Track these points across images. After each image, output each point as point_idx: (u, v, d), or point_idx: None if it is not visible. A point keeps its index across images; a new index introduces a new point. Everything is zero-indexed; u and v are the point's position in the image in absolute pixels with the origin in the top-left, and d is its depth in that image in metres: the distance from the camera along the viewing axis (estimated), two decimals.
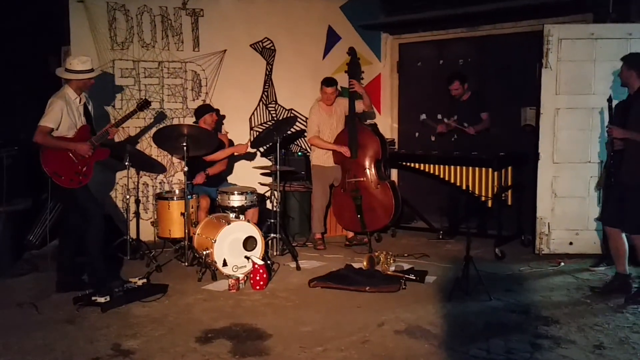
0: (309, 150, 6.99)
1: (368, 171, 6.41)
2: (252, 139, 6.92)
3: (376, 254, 5.55)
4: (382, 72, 7.90)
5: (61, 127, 4.84)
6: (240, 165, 6.95)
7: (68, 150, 4.89)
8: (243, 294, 4.94)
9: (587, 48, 5.77)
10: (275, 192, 6.11)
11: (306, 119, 6.83)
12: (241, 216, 5.51)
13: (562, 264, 5.70)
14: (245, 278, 5.16)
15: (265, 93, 7.23)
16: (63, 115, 4.83)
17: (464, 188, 6.23)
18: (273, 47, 7.21)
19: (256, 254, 5.30)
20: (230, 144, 6.52)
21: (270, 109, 7.26)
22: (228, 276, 5.12)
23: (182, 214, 5.68)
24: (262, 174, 6.83)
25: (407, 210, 7.00)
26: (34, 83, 6.75)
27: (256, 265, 5.06)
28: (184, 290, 5.01)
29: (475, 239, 5.64)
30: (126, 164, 5.80)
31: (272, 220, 6.06)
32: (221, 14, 6.90)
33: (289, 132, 6.92)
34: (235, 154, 6.39)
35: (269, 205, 6.61)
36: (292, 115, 7.20)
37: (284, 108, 7.30)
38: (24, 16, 6.95)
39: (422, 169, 6.51)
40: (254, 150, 6.81)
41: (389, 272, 5.29)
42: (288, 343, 3.90)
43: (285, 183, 6.69)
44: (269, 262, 5.47)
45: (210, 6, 6.82)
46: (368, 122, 7.04)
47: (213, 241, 5.19)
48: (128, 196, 5.98)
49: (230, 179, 6.70)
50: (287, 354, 3.76)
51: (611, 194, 4.94)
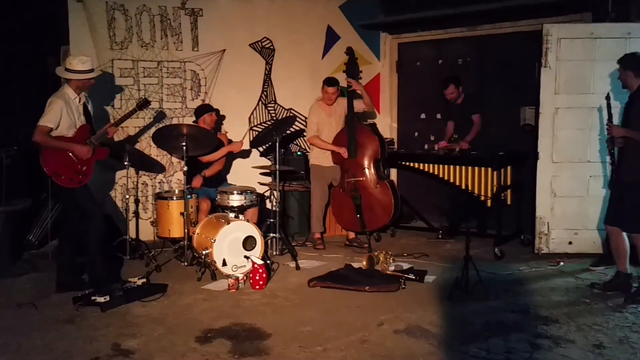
0: (308, 149, 6.99)
1: (367, 171, 6.41)
2: (251, 138, 6.91)
3: (375, 253, 5.55)
4: (382, 72, 7.90)
5: (61, 127, 4.83)
6: (239, 164, 6.95)
7: (68, 150, 4.89)
8: (242, 293, 4.95)
9: (587, 47, 5.77)
10: (274, 192, 6.12)
11: (305, 118, 6.83)
12: (240, 216, 5.50)
13: (562, 263, 5.70)
14: (245, 278, 5.16)
15: (265, 93, 7.23)
16: (62, 114, 4.82)
17: (464, 188, 6.22)
18: (272, 47, 7.21)
19: (256, 254, 5.30)
20: (229, 143, 6.53)
21: (269, 108, 7.26)
22: (227, 276, 5.12)
23: (182, 214, 5.68)
24: (262, 174, 6.83)
25: (407, 209, 7.01)
26: (33, 83, 6.75)
27: (256, 265, 5.07)
28: (184, 290, 5.01)
29: (474, 238, 5.65)
30: (125, 163, 5.81)
31: (272, 220, 6.06)
32: (220, 13, 6.90)
33: (288, 132, 6.92)
34: (232, 152, 6.38)
35: (268, 204, 6.62)
36: (291, 114, 7.21)
37: (283, 108, 7.30)
38: (23, 16, 6.95)
39: (422, 168, 6.51)
40: (249, 148, 6.78)
41: (388, 272, 5.29)
42: (287, 343, 3.90)
43: (285, 183, 6.69)
44: (268, 262, 5.47)
45: (209, 6, 6.82)
46: (367, 122, 7.03)
47: (212, 241, 5.20)
48: (127, 196, 5.98)
49: (230, 178, 6.70)
50: (287, 353, 3.76)
51: (612, 193, 4.95)
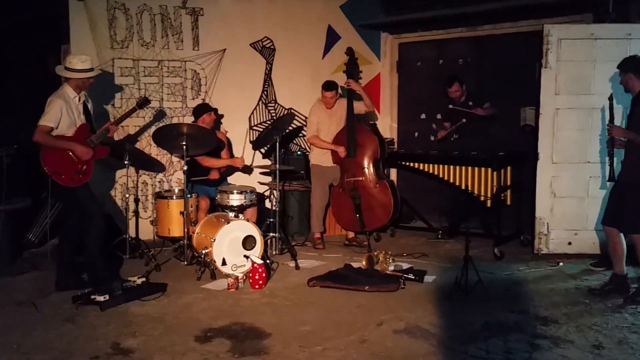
0: (308, 149, 6.99)
1: (367, 171, 6.41)
2: (252, 138, 6.91)
3: (375, 253, 5.54)
4: (382, 72, 7.90)
5: (61, 126, 4.83)
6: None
7: (68, 149, 4.89)
8: (242, 293, 4.95)
9: (587, 48, 5.77)
10: (274, 192, 6.12)
11: (305, 118, 6.83)
12: (240, 215, 5.51)
13: (561, 264, 5.70)
14: (245, 277, 5.16)
15: (265, 92, 7.23)
16: (62, 114, 4.82)
17: (463, 188, 6.23)
18: (273, 47, 7.21)
19: (255, 253, 5.30)
20: (229, 142, 6.53)
21: (269, 108, 7.26)
22: (227, 275, 5.12)
23: (182, 213, 5.68)
24: (262, 173, 6.83)
25: (407, 209, 7.00)
26: (33, 82, 6.76)
27: (255, 265, 5.07)
28: (183, 289, 5.01)
29: (474, 238, 5.64)
30: (126, 162, 5.81)
31: (272, 220, 6.06)
32: (221, 13, 6.90)
33: (288, 130, 6.91)
34: (231, 165, 6.36)
35: (268, 204, 6.62)
36: (290, 112, 7.20)
37: (283, 107, 7.30)
38: (23, 15, 6.95)
39: (422, 168, 6.51)
40: (249, 163, 6.74)
41: (388, 272, 5.29)
42: (287, 342, 3.90)
43: (285, 182, 6.69)
44: (268, 262, 5.47)
45: (210, 5, 6.82)
46: (367, 123, 7.03)
47: (212, 240, 5.20)
48: (127, 195, 5.98)
49: (230, 178, 6.70)
50: (286, 353, 3.76)
51: (612, 194, 4.95)
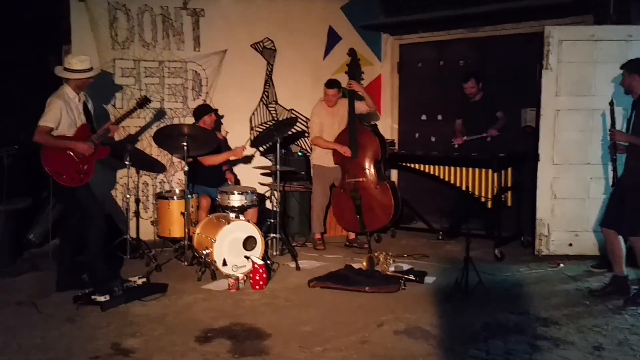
0: (309, 150, 6.99)
1: (367, 171, 6.41)
2: (252, 138, 6.92)
3: (376, 254, 5.54)
4: (383, 73, 7.90)
5: (61, 126, 4.84)
6: (240, 164, 6.94)
7: (69, 149, 4.89)
8: (243, 293, 4.95)
9: (588, 50, 5.77)
10: (275, 192, 6.12)
11: (306, 119, 6.83)
12: (241, 216, 5.51)
13: (562, 265, 5.70)
14: (245, 278, 5.17)
15: (266, 93, 7.23)
16: (62, 114, 4.82)
17: (464, 189, 6.23)
18: (274, 47, 7.21)
19: (256, 254, 5.30)
20: (225, 143, 6.52)
21: (270, 109, 7.26)
22: (228, 276, 5.12)
23: (182, 214, 5.68)
24: (262, 174, 6.83)
25: (407, 210, 7.00)
26: (34, 82, 6.74)
27: (256, 265, 5.07)
28: (184, 289, 5.01)
29: (474, 239, 5.63)
30: (126, 163, 5.81)
31: (272, 220, 6.06)
32: (222, 14, 6.91)
33: (289, 133, 6.92)
34: (231, 158, 6.36)
35: (268, 205, 6.62)
36: (293, 115, 7.21)
37: (284, 108, 7.30)
38: (24, 15, 6.95)
39: (422, 169, 6.51)
40: (251, 153, 6.79)
41: (388, 273, 5.29)
42: (287, 343, 3.90)
43: (285, 183, 6.69)
44: (268, 262, 5.48)
45: (211, 6, 6.82)
46: (368, 123, 7.03)
47: (213, 241, 5.20)
48: (128, 195, 5.99)
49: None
50: (287, 353, 3.76)
51: (612, 196, 4.95)
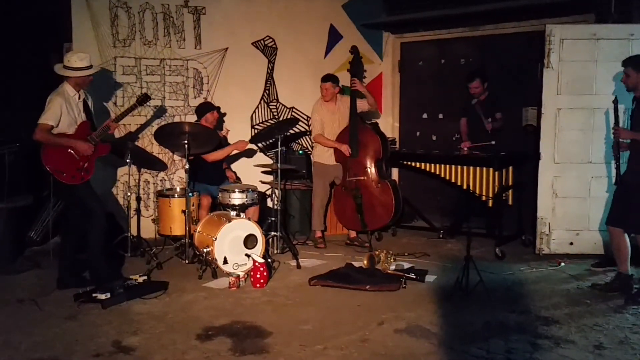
0: (310, 148, 6.98)
1: (368, 170, 6.40)
2: (252, 136, 6.92)
3: (377, 252, 5.55)
4: (384, 71, 7.90)
5: (61, 124, 4.83)
6: (241, 163, 6.96)
7: (69, 147, 4.89)
8: (243, 291, 4.95)
9: (589, 48, 5.77)
10: (276, 191, 6.12)
11: (307, 117, 6.83)
12: (242, 214, 5.51)
13: (563, 264, 5.70)
14: (246, 276, 5.17)
15: (267, 91, 7.23)
16: (62, 112, 4.82)
17: (465, 188, 6.22)
18: (275, 46, 7.21)
19: (257, 252, 5.30)
20: (226, 141, 6.52)
21: (271, 107, 7.26)
22: (228, 274, 5.12)
23: (183, 212, 5.69)
24: (263, 172, 6.84)
25: (408, 209, 7.00)
26: (35, 80, 6.74)
27: (257, 263, 5.07)
28: (185, 287, 5.02)
29: (475, 238, 5.64)
30: (127, 161, 5.81)
31: (273, 219, 6.06)
32: (223, 11, 6.91)
33: (290, 133, 6.92)
34: (235, 151, 6.37)
35: (269, 203, 6.62)
36: (294, 115, 7.21)
37: (285, 106, 7.30)
38: (25, 13, 6.95)
39: (423, 168, 6.51)
40: (255, 148, 6.81)
41: (389, 271, 5.29)
42: (288, 341, 3.91)
43: (286, 181, 6.69)
44: (269, 260, 5.47)
45: (212, 4, 6.82)
46: (370, 121, 7.03)
47: (214, 239, 5.20)
48: (129, 193, 5.99)
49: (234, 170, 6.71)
50: (287, 351, 3.76)
51: (617, 194, 4.95)
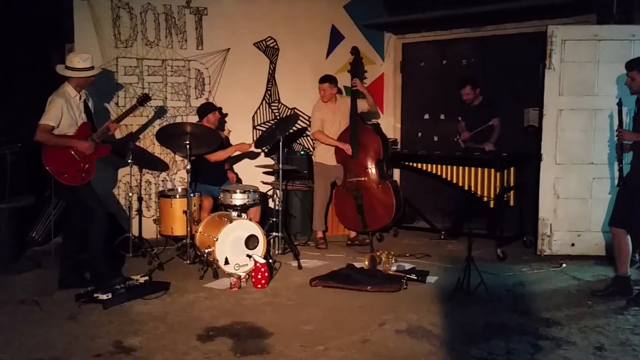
0: (311, 149, 6.98)
1: (369, 171, 6.40)
2: (256, 139, 6.92)
3: (378, 253, 5.55)
4: (385, 72, 7.90)
5: (62, 125, 4.84)
6: (242, 163, 6.96)
7: (70, 147, 4.89)
8: (244, 292, 4.95)
9: (591, 49, 5.76)
10: (277, 191, 6.12)
11: (309, 117, 6.83)
12: (243, 215, 5.51)
13: (564, 265, 5.70)
14: (247, 276, 5.17)
15: (268, 92, 7.23)
16: (63, 112, 4.82)
17: (466, 188, 6.22)
18: (276, 46, 7.21)
19: (258, 253, 5.31)
20: (228, 142, 6.52)
21: (273, 107, 7.26)
22: (230, 274, 5.13)
23: (185, 212, 5.69)
24: (265, 173, 6.84)
25: (409, 210, 7.00)
26: (37, 80, 6.75)
27: (258, 264, 5.07)
28: (186, 288, 5.02)
29: (477, 239, 5.63)
30: (129, 161, 5.82)
31: (274, 219, 6.07)
32: (225, 12, 6.91)
33: (292, 130, 6.92)
34: (237, 152, 6.37)
35: (271, 204, 6.62)
36: (294, 113, 7.21)
37: (286, 107, 7.30)
38: (27, 13, 6.95)
39: (425, 169, 6.50)
40: (258, 150, 6.81)
41: (390, 272, 5.29)
42: (289, 342, 3.91)
43: (288, 182, 6.69)
44: (270, 261, 5.47)
45: (214, 5, 6.83)
46: (371, 122, 7.03)
47: (215, 239, 5.20)
48: (131, 194, 6.01)
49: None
50: (288, 352, 3.76)
51: (620, 196, 4.94)
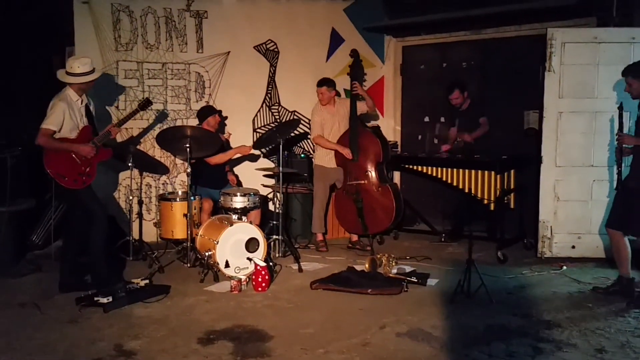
0: (312, 152, 6.98)
1: (369, 174, 6.40)
2: (255, 140, 6.93)
3: (378, 256, 5.55)
4: (386, 75, 7.90)
5: (63, 129, 4.85)
6: (243, 166, 6.96)
7: (71, 151, 4.90)
8: (245, 295, 4.95)
9: (591, 52, 5.77)
10: (277, 194, 6.12)
11: (309, 120, 6.84)
12: (244, 217, 5.51)
13: (565, 267, 5.70)
14: (247, 279, 5.17)
15: (269, 95, 7.24)
16: (65, 116, 4.83)
17: (467, 191, 6.22)
18: (276, 49, 7.22)
19: (258, 256, 5.31)
20: (228, 145, 6.52)
21: (273, 110, 7.27)
22: (230, 277, 5.13)
23: (185, 215, 5.69)
24: (265, 176, 6.84)
25: (410, 212, 7.00)
26: (38, 83, 6.76)
27: (258, 267, 5.07)
28: (186, 291, 5.02)
29: (477, 242, 5.63)
30: (129, 165, 5.82)
31: (275, 222, 6.07)
32: (225, 15, 6.92)
33: (292, 135, 6.92)
34: (237, 155, 6.38)
35: (271, 207, 6.62)
36: (295, 117, 7.22)
37: (287, 110, 7.31)
38: (28, 17, 6.97)
39: (425, 171, 6.50)
40: (258, 152, 6.82)
41: (390, 275, 5.30)
42: (289, 345, 3.91)
43: (288, 185, 6.70)
44: (271, 264, 5.47)
45: (214, 8, 6.84)
46: (371, 124, 7.03)
47: (215, 242, 5.20)
48: (131, 197, 6.01)
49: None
50: (289, 355, 3.76)
51: (618, 198, 4.94)
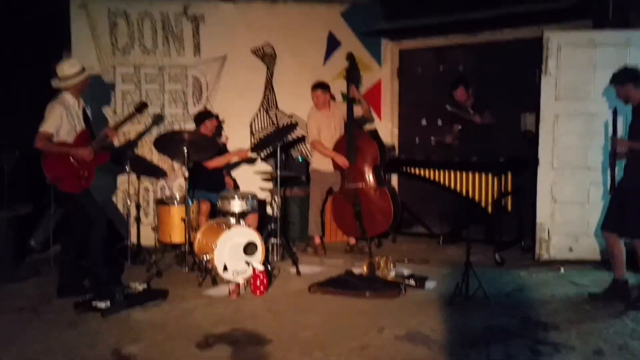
0: (309, 155, 6.99)
1: (366, 177, 6.41)
2: (253, 144, 6.94)
3: (376, 259, 5.55)
4: (383, 78, 7.91)
5: (61, 132, 4.85)
6: (241, 170, 6.97)
7: (69, 155, 4.90)
8: (243, 299, 4.95)
9: (587, 54, 5.78)
10: (275, 198, 6.13)
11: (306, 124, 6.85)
12: (241, 221, 5.52)
13: (562, 269, 5.71)
14: (246, 283, 5.17)
15: (266, 98, 7.25)
16: (62, 120, 4.84)
17: (464, 194, 6.23)
18: (274, 53, 7.23)
19: (256, 259, 5.31)
20: (226, 148, 6.53)
21: (270, 114, 7.28)
22: (228, 281, 5.13)
23: (183, 219, 5.69)
24: (263, 179, 6.84)
25: (408, 215, 7.01)
26: (35, 87, 6.76)
27: (256, 271, 5.08)
28: (185, 295, 5.02)
29: (475, 244, 5.63)
30: (127, 169, 5.82)
31: (273, 226, 6.07)
32: (222, 19, 6.93)
33: (290, 139, 6.93)
34: (235, 159, 6.38)
35: (269, 210, 6.63)
36: (293, 121, 7.22)
37: (284, 113, 7.32)
38: (26, 21, 6.97)
39: (422, 174, 6.51)
40: (255, 156, 6.83)
41: (389, 278, 5.30)
42: (288, 348, 3.91)
43: (286, 188, 6.70)
44: (269, 268, 5.48)
45: (211, 12, 6.85)
46: (368, 128, 7.04)
47: (214, 246, 5.20)
48: (129, 201, 6.00)
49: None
50: (287, 359, 3.76)
51: (612, 200, 4.96)
